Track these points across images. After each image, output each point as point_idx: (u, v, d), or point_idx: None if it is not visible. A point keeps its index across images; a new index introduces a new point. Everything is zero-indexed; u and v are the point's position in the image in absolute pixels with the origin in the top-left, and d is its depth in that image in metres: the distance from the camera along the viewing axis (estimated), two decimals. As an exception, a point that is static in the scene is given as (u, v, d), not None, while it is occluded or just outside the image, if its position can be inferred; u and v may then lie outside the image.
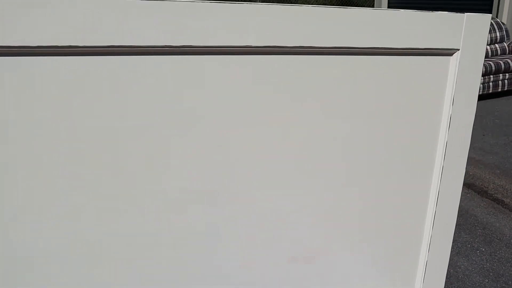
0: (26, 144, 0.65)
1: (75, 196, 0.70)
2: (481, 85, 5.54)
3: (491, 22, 6.13)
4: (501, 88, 5.70)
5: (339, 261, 0.93)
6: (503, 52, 6.16)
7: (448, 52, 0.88)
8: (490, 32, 6.08)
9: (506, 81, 5.69)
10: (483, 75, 5.50)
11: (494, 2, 8.03)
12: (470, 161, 3.67)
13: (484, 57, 0.91)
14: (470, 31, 0.87)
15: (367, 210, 0.91)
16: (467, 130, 0.94)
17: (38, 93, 0.63)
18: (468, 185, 3.19)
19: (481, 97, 5.87)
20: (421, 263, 1.01)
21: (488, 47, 6.08)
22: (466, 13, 0.86)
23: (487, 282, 2.02)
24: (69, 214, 0.71)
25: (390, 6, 10.90)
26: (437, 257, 1.01)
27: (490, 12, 8.10)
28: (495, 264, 2.17)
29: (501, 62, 5.54)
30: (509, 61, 5.58)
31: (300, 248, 0.88)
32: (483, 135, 4.37)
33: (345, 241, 0.91)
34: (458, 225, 2.59)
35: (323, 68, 0.77)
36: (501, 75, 5.63)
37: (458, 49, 0.87)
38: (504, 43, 6.20)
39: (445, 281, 1.94)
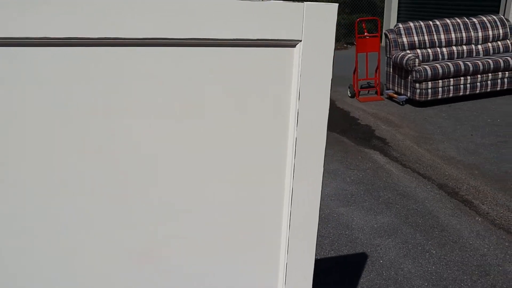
0: None
1: None
2: (479, 83, 5.39)
3: (494, 19, 5.96)
4: (500, 87, 5.53)
5: (193, 260, 0.89)
6: (506, 49, 5.97)
7: (289, 43, 0.83)
8: (493, 28, 5.91)
9: (505, 79, 5.52)
10: (481, 73, 5.35)
11: (501, 1, 7.80)
12: (451, 161, 3.57)
13: (333, 48, 0.87)
14: (312, 21, 0.82)
15: (219, 208, 0.87)
16: (320, 125, 0.90)
17: None
18: (440, 185, 3.11)
19: (478, 96, 5.71)
20: (281, 264, 0.97)
21: (490, 44, 5.91)
22: (305, 2, 0.81)
23: (426, 285, 1.96)
24: None
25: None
26: (298, 257, 0.97)
27: (497, 11, 7.87)
28: (440, 268, 2.10)
29: (501, 60, 5.38)
30: (509, 59, 5.41)
31: (144, 245, 0.84)
32: (471, 134, 4.25)
33: (199, 240, 0.87)
34: (415, 226, 2.52)
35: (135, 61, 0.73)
36: (500, 73, 5.46)
37: (300, 40, 0.83)
38: (508, 40, 6.01)
39: (383, 283, 1.89)
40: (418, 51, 5.60)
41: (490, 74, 5.43)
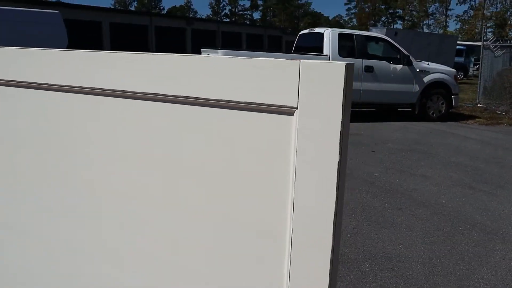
0: None
1: None
2: None
3: None
4: None
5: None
6: None
7: (283, 110, 0.67)
8: None
9: None
10: None
11: None
12: None
13: (339, 119, 0.64)
14: (310, 84, 0.65)
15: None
16: (324, 215, 0.66)
17: None
18: None
19: None
20: None
21: None
22: (301, 60, 0.66)
23: None
24: None
25: None
26: None
27: None
28: None
29: None
30: None
31: None
32: None
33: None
34: None
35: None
36: None
37: (296, 108, 0.66)
38: None
39: None
40: None
41: None
